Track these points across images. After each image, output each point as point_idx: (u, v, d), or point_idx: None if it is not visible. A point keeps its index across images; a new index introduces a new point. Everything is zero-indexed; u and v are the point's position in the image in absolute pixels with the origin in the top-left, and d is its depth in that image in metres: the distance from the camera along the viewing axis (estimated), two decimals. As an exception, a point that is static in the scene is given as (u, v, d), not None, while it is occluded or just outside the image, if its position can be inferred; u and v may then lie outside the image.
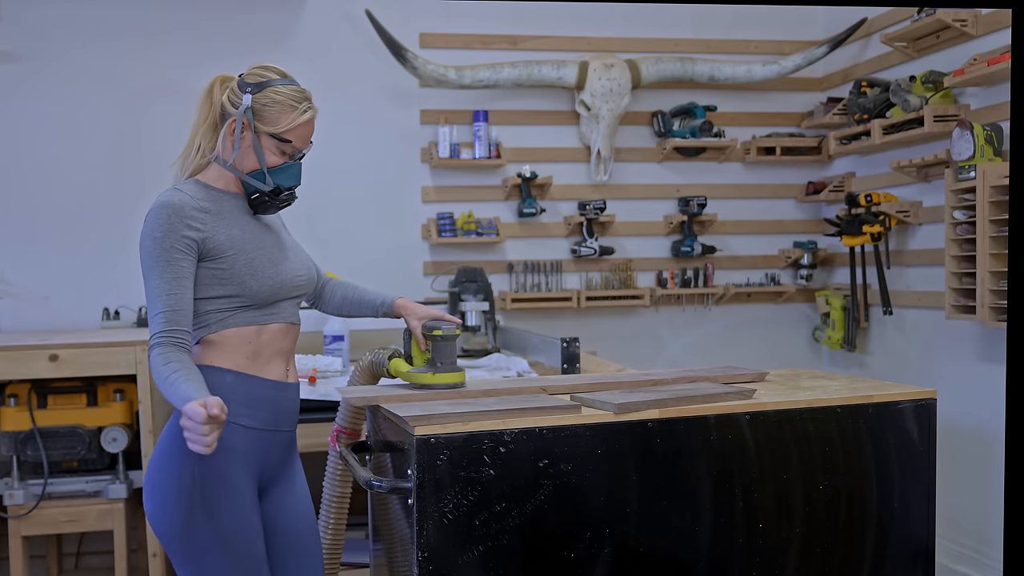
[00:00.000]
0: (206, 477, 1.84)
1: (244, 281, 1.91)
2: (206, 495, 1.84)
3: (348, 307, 2.25)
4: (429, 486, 1.78)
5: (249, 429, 1.91)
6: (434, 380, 2.10)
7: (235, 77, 1.97)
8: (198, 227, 1.87)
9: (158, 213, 1.85)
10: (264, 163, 1.94)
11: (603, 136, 4.23)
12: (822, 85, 4.61)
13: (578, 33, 4.38)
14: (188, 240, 1.85)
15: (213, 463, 1.83)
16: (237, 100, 1.93)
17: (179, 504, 1.84)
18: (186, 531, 1.84)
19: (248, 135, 1.92)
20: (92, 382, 3.26)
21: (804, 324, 4.67)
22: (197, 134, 1.99)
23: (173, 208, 1.85)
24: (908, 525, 2.15)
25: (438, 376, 2.11)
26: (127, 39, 3.93)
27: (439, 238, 4.16)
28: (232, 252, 1.90)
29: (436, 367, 2.12)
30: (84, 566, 3.84)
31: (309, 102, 1.96)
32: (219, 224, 1.90)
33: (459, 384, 2.13)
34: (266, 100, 1.92)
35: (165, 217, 1.84)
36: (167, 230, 1.84)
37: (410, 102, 4.23)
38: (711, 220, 4.45)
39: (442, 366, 2.12)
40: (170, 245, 1.84)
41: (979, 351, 3.60)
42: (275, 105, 1.92)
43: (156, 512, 1.87)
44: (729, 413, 1.98)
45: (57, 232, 3.88)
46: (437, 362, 2.12)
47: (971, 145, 3.30)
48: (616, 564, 1.90)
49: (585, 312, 4.38)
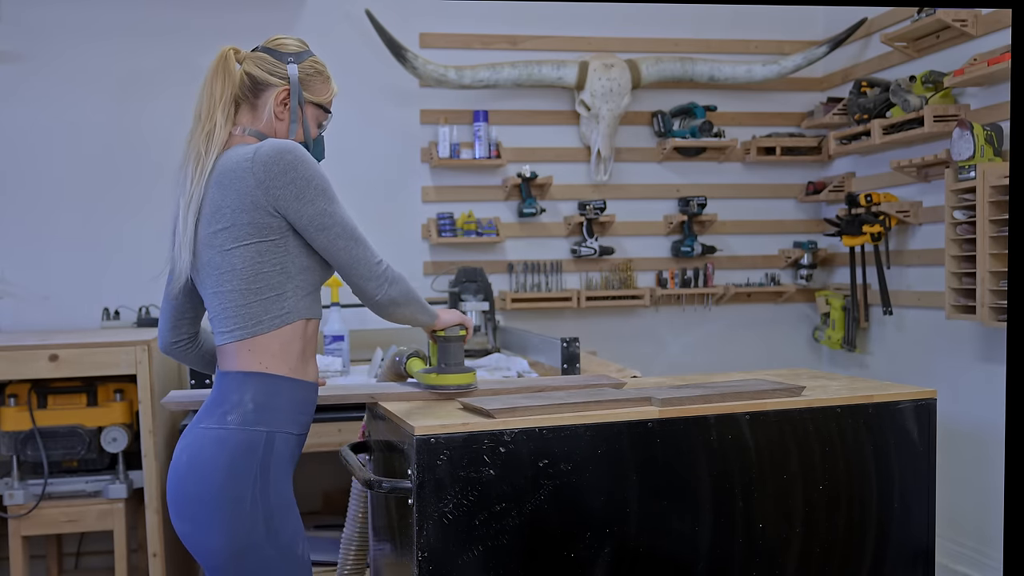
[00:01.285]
0: (268, 493, 1.75)
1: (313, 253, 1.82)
2: (271, 513, 1.75)
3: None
4: (429, 486, 1.77)
5: (298, 436, 1.83)
6: (439, 381, 2.09)
7: (242, 50, 1.91)
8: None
9: (303, 152, 1.77)
10: (310, 135, 1.91)
11: (603, 136, 4.23)
12: (822, 85, 4.61)
13: (578, 33, 4.38)
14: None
15: (272, 477, 1.75)
16: (279, 70, 1.87)
17: (244, 525, 1.73)
18: (244, 551, 1.73)
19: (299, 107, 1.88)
20: (92, 382, 3.26)
21: (804, 324, 4.67)
22: (216, 110, 1.84)
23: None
24: (908, 525, 2.15)
25: (443, 377, 2.09)
26: (126, 39, 3.93)
27: (439, 238, 4.16)
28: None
29: (442, 368, 2.10)
30: (84, 566, 3.83)
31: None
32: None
33: (469, 385, 2.11)
34: (309, 70, 1.90)
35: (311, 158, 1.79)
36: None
37: (410, 102, 4.23)
38: (711, 220, 4.45)
39: (447, 367, 2.09)
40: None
41: (979, 351, 3.60)
42: (318, 75, 1.91)
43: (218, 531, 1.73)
44: (729, 413, 1.98)
45: (57, 232, 3.88)
46: (442, 363, 2.10)
47: (971, 145, 3.30)
48: (616, 564, 1.90)
49: (585, 312, 4.38)
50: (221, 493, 1.72)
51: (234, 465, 1.73)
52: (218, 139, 1.83)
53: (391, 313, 1.89)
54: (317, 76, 1.91)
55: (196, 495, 1.75)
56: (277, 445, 1.76)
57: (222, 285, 1.79)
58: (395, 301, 1.86)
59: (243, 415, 1.76)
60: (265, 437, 1.76)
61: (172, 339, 1.99)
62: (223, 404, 1.78)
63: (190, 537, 1.78)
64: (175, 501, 1.79)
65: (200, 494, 1.74)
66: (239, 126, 1.88)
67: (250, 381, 1.78)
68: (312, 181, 1.76)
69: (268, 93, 1.87)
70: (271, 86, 1.87)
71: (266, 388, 1.78)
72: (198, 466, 1.75)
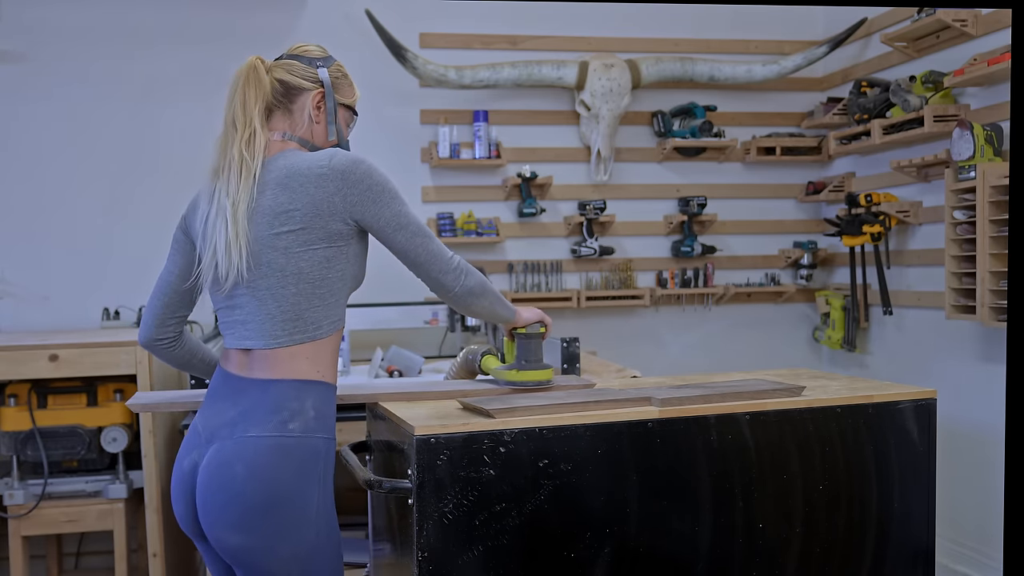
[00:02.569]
0: (328, 502, 1.80)
1: (364, 263, 1.91)
2: (328, 519, 1.80)
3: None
4: (429, 486, 1.77)
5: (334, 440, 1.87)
6: (519, 377, 2.13)
7: (265, 60, 1.93)
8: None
9: (372, 162, 1.86)
10: (343, 136, 1.98)
11: (603, 136, 4.23)
12: (822, 85, 4.61)
13: (578, 33, 4.38)
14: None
15: (330, 489, 1.80)
16: (311, 75, 1.92)
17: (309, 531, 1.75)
18: (310, 557, 1.76)
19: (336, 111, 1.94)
20: (92, 382, 3.26)
21: (804, 324, 4.67)
22: (253, 117, 1.84)
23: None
24: (908, 525, 2.15)
25: (523, 373, 2.13)
26: (126, 39, 3.93)
27: (439, 238, 4.15)
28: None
29: (522, 364, 2.14)
30: (84, 566, 3.83)
31: None
32: None
33: (548, 381, 2.16)
34: (337, 74, 1.96)
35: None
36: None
37: (410, 102, 4.23)
38: (711, 220, 4.45)
39: (527, 363, 2.13)
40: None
41: (979, 351, 3.60)
42: (344, 78, 1.97)
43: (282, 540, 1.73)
44: (729, 413, 1.98)
45: (57, 232, 3.88)
46: (522, 359, 2.14)
47: (971, 145, 3.30)
48: (616, 564, 1.90)
49: (585, 312, 4.38)
50: (292, 501, 1.73)
51: (303, 473, 1.75)
52: (259, 144, 1.83)
53: (470, 304, 1.94)
54: (344, 79, 1.97)
55: (262, 505, 1.72)
56: (331, 451, 1.83)
57: (285, 288, 1.79)
58: (472, 292, 1.91)
59: (305, 423, 1.78)
60: (325, 444, 1.81)
61: (157, 335, 1.98)
62: (280, 412, 1.77)
63: (252, 550, 1.74)
64: (232, 513, 1.73)
65: (267, 504, 1.72)
66: (276, 131, 1.90)
67: (311, 389, 1.80)
68: (387, 185, 1.85)
69: (303, 97, 1.91)
70: (305, 90, 1.91)
71: (324, 396, 1.82)
72: (261, 475, 1.72)
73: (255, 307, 1.81)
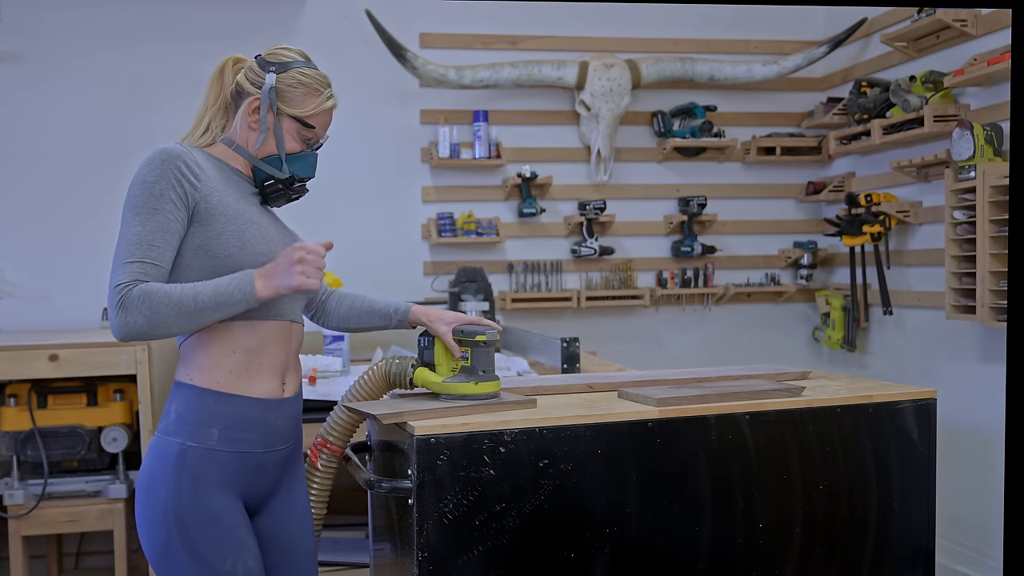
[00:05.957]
0: (183, 507, 1.71)
1: (232, 254, 1.72)
2: (183, 522, 1.71)
3: (356, 318, 2.09)
4: (429, 486, 1.77)
5: (237, 454, 1.76)
6: (477, 390, 1.93)
7: (247, 59, 1.88)
8: (194, 181, 1.70)
9: (152, 159, 1.69)
10: (283, 148, 1.83)
11: (603, 136, 4.23)
12: (822, 85, 4.61)
13: (578, 33, 4.38)
14: (182, 191, 1.68)
15: (187, 495, 1.71)
16: (258, 79, 1.82)
17: (160, 528, 1.72)
18: (165, 554, 1.73)
19: (269, 117, 1.80)
20: (92, 382, 3.26)
21: (804, 324, 4.67)
22: (206, 116, 1.85)
23: (170, 155, 1.69)
24: (908, 525, 2.15)
25: (482, 385, 1.94)
26: (126, 38, 3.93)
27: (439, 238, 4.16)
28: (223, 220, 1.72)
29: (479, 375, 1.94)
30: (84, 566, 3.84)
31: (331, 90, 1.86)
32: (214, 187, 1.74)
33: (498, 392, 1.98)
34: (291, 81, 1.82)
35: (159, 163, 1.68)
36: (159, 175, 1.67)
37: (410, 102, 4.23)
38: (711, 220, 4.45)
39: (484, 374, 1.95)
40: (160, 192, 1.67)
41: (979, 351, 3.60)
42: (300, 87, 1.82)
43: (141, 530, 1.77)
44: (729, 413, 1.98)
45: (57, 232, 3.88)
46: (479, 370, 1.94)
47: (971, 145, 3.30)
48: (616, 564, 1.90)
49: (585, 312, 4.39)
50: (145, 495, 1.76)
51: (153, 473, 1.75)
52: (194, 141, 1.85)
53: (146, 334, 1.77)
54: (299, 88, 1.82)
55: (136, 494, 1.80)
56: (193, 457, 1.73)
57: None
58: (132, 325, 1.75)
59: (166, 425, 1.77)
60: (179, 448, 1.74)
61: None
62: (165, 411, 1.81)
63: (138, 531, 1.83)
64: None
65: (137, 494, 1.79)
66: (223, 133, 1.87)
67: (179, 392, 1.78)
68: (130, 187, 1.72)
69: (244, 101, 1.84)
70: (248, 95, 1.84)
71: (189, 401, 1.75)
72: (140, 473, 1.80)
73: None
